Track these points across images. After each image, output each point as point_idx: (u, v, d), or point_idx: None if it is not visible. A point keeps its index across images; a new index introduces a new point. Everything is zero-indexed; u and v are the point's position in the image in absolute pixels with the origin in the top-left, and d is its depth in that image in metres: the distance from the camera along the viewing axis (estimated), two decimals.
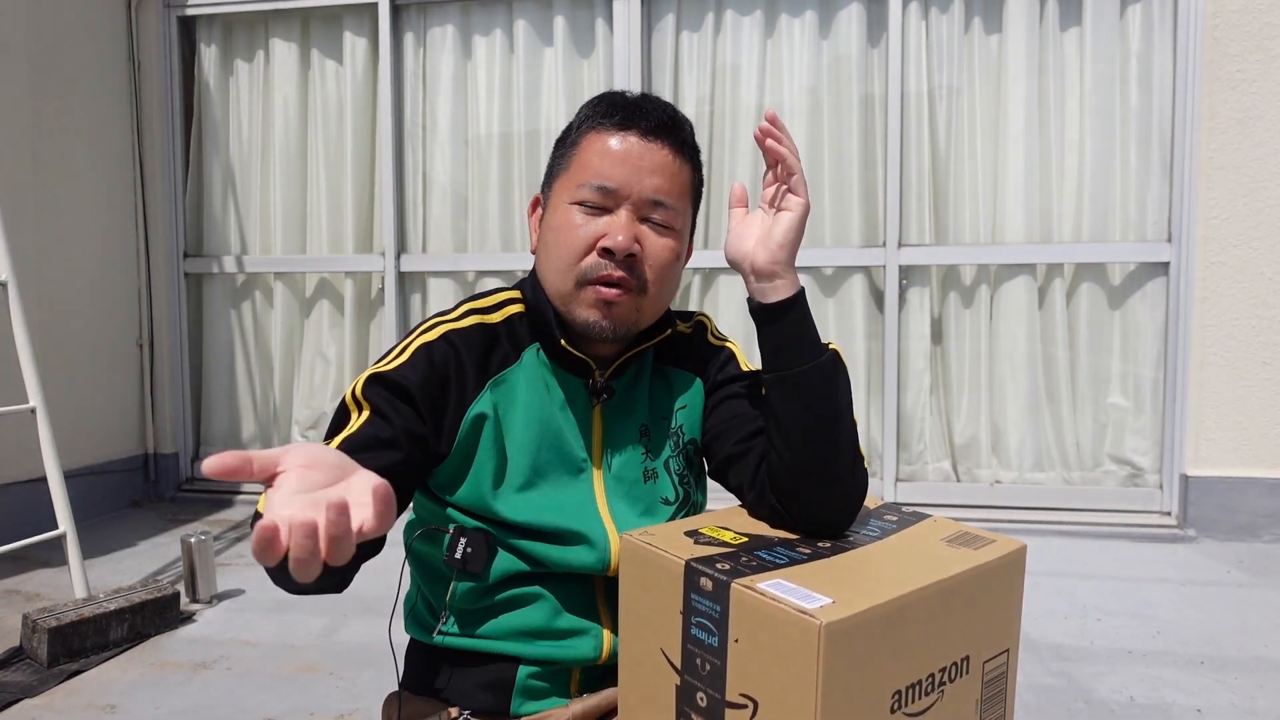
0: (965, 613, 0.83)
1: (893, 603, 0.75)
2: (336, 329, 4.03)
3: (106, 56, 3.83)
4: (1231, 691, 2.11)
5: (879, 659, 0.75)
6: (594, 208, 0.98)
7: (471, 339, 1.01)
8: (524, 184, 3.86)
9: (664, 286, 1.02)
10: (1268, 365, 3.27)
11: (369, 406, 0.94)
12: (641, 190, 0.98)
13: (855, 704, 0.74)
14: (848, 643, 0.72)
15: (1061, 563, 3.06)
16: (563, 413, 1.03)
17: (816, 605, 0.72)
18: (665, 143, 1.00)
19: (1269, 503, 3.26)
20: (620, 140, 0.99)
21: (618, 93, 1.04)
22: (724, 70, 3.72)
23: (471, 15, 3.87)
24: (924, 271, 3.60)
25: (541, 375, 1.03)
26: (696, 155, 1.06)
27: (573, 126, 1.05)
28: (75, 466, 3.48)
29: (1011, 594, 0.89)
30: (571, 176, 1.01)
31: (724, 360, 1.12)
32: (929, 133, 3.59)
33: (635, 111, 1.00)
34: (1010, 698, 0.91)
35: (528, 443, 1.00)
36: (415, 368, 0.97)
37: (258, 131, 4.06)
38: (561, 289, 1.00)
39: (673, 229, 1.01)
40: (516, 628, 0.98)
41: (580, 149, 1.01)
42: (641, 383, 1.09)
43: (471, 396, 0.99)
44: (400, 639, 1.09)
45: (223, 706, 2.07)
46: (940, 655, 0.81)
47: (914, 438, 3.65)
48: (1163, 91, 3.41)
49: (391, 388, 0.95)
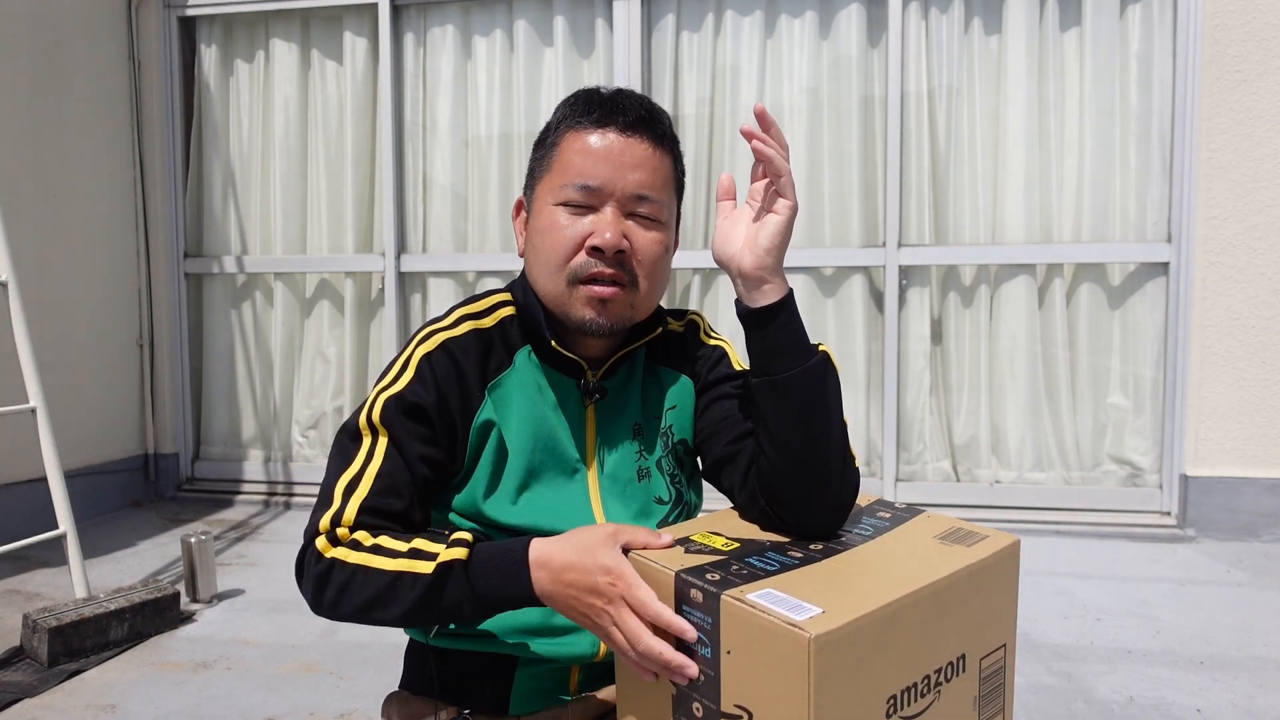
0: (960, 611, 0.83)
1: (885, 609, 0.75)
2: (337, 329, 4.03)
3: (107, 56, 3.83)
4: (1231, 691, 2.11)
5: (872, 665, 0.75)
6: (579, 207, 0.99)
7: (468, 346, 1.01)
8: (524, 184, 3.85)
9: (655, 279, 1.02)
10: (1267, 365, 3.27)
11: (386, 433, 0.97)
12: (625, 186, 0.98)
13: (850, 712, 0.73)
14: (838, 653, 0.71)
15: (1061, 563, 3.06)
16: (555, 414, 1.03)
17: (806, 616, 0.72)
18: (644, 137, 1.00)
19: (1269, 502, 3.26)
20: (600, 137, 0.99)
21: (592, 90, 1.04)
22: (724, 71, 3.72)
23: (471, 15, 3.87)
24: (924, 271, 3.60)
25: (534, 377, 1.03)
26: (676, 145, 1.06)
27: (550, 126, 1.05)
28: (75, 466, 3.48)
29: (1007, 589, 0.89)
30: (554, 177, 1.01)
31: (716, 359, 1.12)
32: (929, 133, 3.59)
33: (612, 108, 1.00)
34: (1009, 693, 0.91)
35: (523, 445, 1.00)
36: (425, 384, 0.98)
37: (258, 132, 4.06)
38: (553, 290, 1.00)
39: (659, 221, 1.01)
40: (513, 626, 0.98)
41: (560, 149, 1.01)
42: (634, 381, 1.09)
43: (475, 404, 1.00)
44: (401, 639, 1.09)
45: (223, 706, 2.08)
46: (936, 656, 0.81)
47: (914, 438, 3.65)
48: (1163, 91, 3.41)
49: (408, 410, 0.97)
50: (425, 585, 0.87)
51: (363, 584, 0.89)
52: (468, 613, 0.88)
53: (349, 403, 4.03)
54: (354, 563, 0.90)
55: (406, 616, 0.89)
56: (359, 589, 0.89)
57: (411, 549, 0.89)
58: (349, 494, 0.94)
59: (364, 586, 0.89)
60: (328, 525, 0.92)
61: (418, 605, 0.87)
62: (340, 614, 0.91)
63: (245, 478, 4.10)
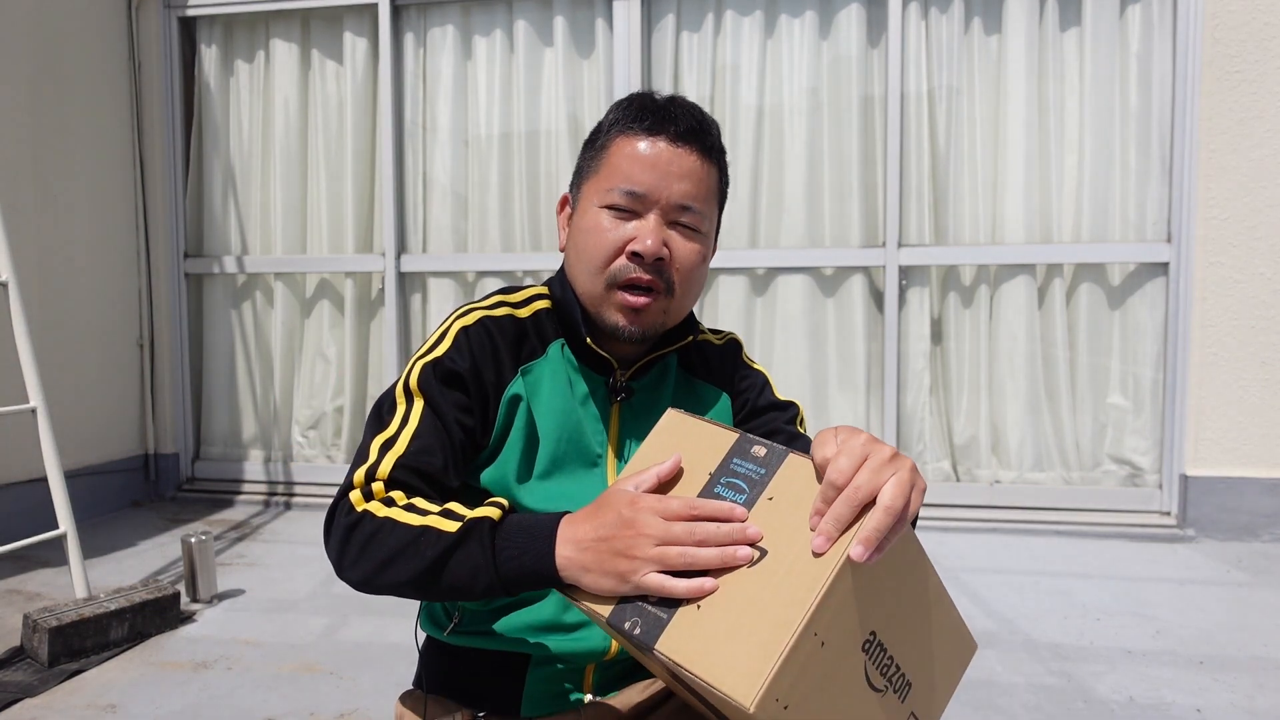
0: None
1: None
2: (337, 329, 4.03)
3: (107, 57, 3.83)
4: (1231, 691, 2.11)
5: (876, 586, 0.77)
6: (624, 211, 1.00)
7: (505, 327, 1.04)
8: (524, 184, 3.86)
9: (690, 287, 1.04)
10: (1267, 365, 3.27)
11: (422, 397, 0.97)
12: (670, 195, 0.99)
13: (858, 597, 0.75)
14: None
15: (1061, 562, 3.06)
16: (583, 407, 1.05)
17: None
18: (694, 148, 1.01)
19: (1268, 503, 3.26)
20: (650, 145, 1.00)
21: (647, 95, 1.05)
22: (724, 70, 3.72)
23: (471, 15, 3.87)
24: (924, 271, 3.60)
25: (565, 370, 1.05)
26: (723, 156, 1.07)
27: (602, 128, 1.06)
28: (76, 466, 3.49)
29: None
30: (601, 180, 1.02)
31: (760, 385, 1.15)
32: (929, 133, 3.59)
33: (664, 116, 1.01)
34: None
35: (549, 433, 1.02)
36: (461, 352, 1.00)
37: (258, 132, 4.06)
38: (591, 291, 1.02)
39: (699, 231, 1.03)
40: (526, 623, 0.98)
41: (610, 152, 1.02)
42: (665, 387, 1.11)
43: (508, 379, 1.02)
44: (401, 639, 1.09)
45: (223, 706, 2.08)
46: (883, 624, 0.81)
47: (914, 438, 3.65)
48: (1163, 91, 3.41)
49: (445, 376, 0.98)
50: (446, 543, 0.85)
51: (387, 536, 0.87)
52: (481, 585, 0.85)
53: (349, 403, 4.03)
54: (383, 516, 0.89)
55: (418, 579, 0.86)
56: (382, 542, 0.87)
57: (444, 509, 0.89)
58: (385, 451, 0.94)
59: (388, 539, 0.87)
60: (362, 480, 0.92)
61: (434, 564, 0.85)
62: (362, 571, 0.89)
63: (245, 478, 4.10)
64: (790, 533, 0.76)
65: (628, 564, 0.79)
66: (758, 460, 0.82)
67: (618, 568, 0.79)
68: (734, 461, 0.83)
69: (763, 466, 0.81)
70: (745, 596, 0.74)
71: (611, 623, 0.79)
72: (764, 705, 0.68)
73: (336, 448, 4.05)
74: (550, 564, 0.82)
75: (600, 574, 0.80)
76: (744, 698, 0.69)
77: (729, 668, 0.71)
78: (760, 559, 0.76)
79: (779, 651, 0.70)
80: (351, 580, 0.91)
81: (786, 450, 0.81)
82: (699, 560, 0.77)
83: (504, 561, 0.84)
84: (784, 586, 0.73)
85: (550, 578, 0.83)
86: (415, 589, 0.88)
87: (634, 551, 0.78)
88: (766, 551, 0.76)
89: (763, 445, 0.82)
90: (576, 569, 0.81)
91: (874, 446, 0.75)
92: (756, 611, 0.73)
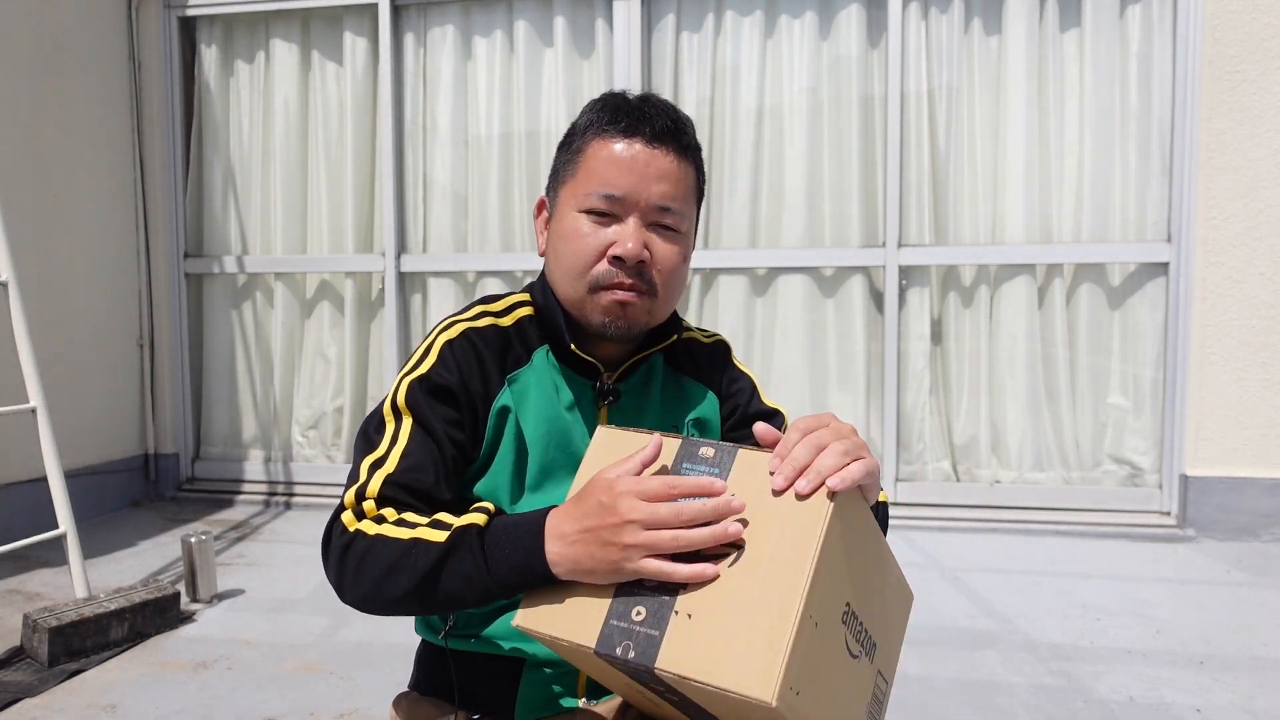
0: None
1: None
2: (337, 329, 4.03)
3: (107, 57, 3.83)
4: (1231, 691, 2.11)
5: (855, 554, 0.79)
6: (602, 215, 0.99)
7: (489, 337, 1.03)
8: (524, 184, 3.86)
9: (672, 287, 1.04)
10: (1267, 365, 3.27)
11: (410, 414, 0.97)
12: (649, 198, 0.99)
13: (838, 580, 0.76)
14: (850, 510, 0.78)
15: (1061, 563, 3.06)
16: (570, 413, 1.04)
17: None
18: (670, 148, 1.00)
19: (1268, 503, 3.26)
20: (626, 147, 0.99)
21: (619, 95, 1.04)
22: (724, 71, 3.72)
23: (471, 15, 3.87)
24: (924, 272, 3.60)
25: (550, 376, 1.05)
26: (699, 154, 1.06)
27: (576, 130, 1.05)
28: (76, 466, 3.49)
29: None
30: (579, 184, 1.01)
31: (748, 390, 1.15)
32: (929, 133, 3.59)
33: (640, 117, 1.00)
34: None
35: (537, 441, 1.02)
36: (447, 367, 0.99)
37: (258, 132, 4.06)
38: (573, 295, 1.01)
39: (679, 231, 1.03)
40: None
41: (586, 156, 1.01)
42: (652, 387, 1.10)
43: (495, 390, 1.01)
44: (401, 639, 1.09)
45: (223, 706, 2.08)
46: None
47: (914, 438, 3.65)
48: (1163, 91, 3.41)
49: (433, 391, 0.98)
50: (437, 554, 0.85)
51: (380, 553, 0.88)
52: (476, 591, 0.85)
53: (349, 403, 4.03)
54: (375, 534, 0.89)
55: (415, 592, 0.86)
56: (376, 559, 0.88)
57: (433, 520, 0.89)
58: (374, 470, 0.94)
59: (380, 556, 0.87)
60: (353, 500, 0.93)
61: (427, 576, 0.85)
62: (361, 590, 0.89)
63: (245, 478, 4.10)
64: (761, 524, 0.76)
65: (619, 553, 0.78)
66: (708, 461, 0.81)
67: (609, 557, 0.79)
68: (684, 466, 0.83)
69: (715, 466, 0.81)
70: (733, 596, 0.75)
71: (600, 652, 0.77)
72: (783, 696, 0.69)
73: (336, 447, 4.05)
74: (541, 561, 0.82)
75: (593, 567, 0.80)
76: (764, 694, 0.69)
77: (739, 669, 0.71)
78: (738, 557, 0.76)
79: (785, 641, 0.70)
80: (352, 601, 0.91)
81: (736, 446, 0.81)
82: (692, 541, 0.76)
83: (495, 565, 0.84)
84: (770, 578, 0.74)
85: (544, 575, 0.83)
86: (416, 603, 0.88)
87: (621, 539, 0.78)
88: (743, 548, 0.76)
89: (710, 445, 0.82)
90: (569, 564, 0.81)
91: (820, 421, 0.80)
92: (750, 608, 0.73)
